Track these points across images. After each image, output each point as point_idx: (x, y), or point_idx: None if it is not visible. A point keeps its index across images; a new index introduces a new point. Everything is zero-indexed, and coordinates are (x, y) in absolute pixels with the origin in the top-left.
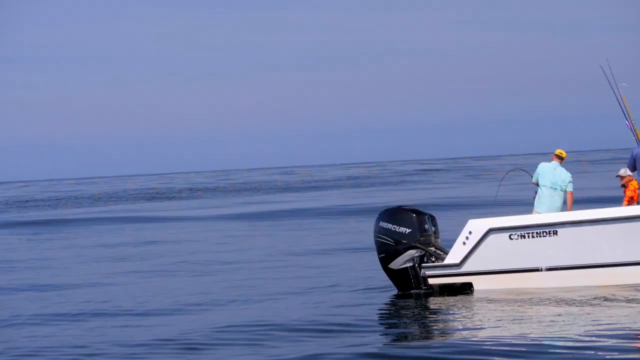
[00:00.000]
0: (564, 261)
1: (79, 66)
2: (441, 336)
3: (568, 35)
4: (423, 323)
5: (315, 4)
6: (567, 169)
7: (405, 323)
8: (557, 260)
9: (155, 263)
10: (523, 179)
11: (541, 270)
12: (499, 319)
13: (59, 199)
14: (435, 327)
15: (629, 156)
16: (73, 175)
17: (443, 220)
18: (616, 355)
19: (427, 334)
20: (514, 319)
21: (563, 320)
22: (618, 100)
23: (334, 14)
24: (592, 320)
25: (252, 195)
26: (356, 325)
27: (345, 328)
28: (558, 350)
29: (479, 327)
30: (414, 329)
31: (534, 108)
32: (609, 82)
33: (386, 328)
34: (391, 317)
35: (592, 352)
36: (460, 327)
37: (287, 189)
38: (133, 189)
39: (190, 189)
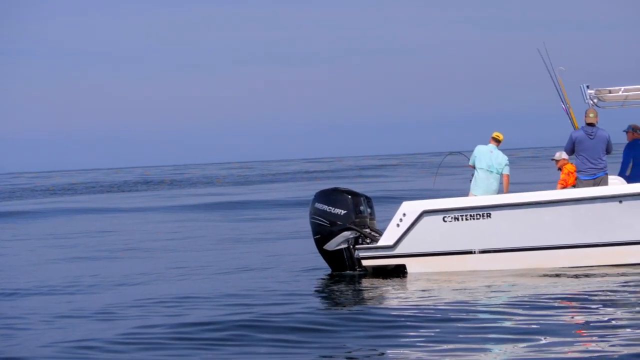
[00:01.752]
0: (497, 244)
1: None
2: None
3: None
4: (349, 295)
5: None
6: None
7: (330, 296)
8: (491, 243)
9: (99, 249)
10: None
11: (474, 252)
12: (428, 289)
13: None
14: (363, 297)
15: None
16: (35, 169)
17: (389, 211)
18: (531, 320)
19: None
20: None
21: (494, 295)
22: (555, 84)
23: (306, 10)
24: (518, 293)
25: (211, 187)
26: (279, 296)
27: (268, 299)
28: (486, 316)
29: (408, 297)
30: (339, 299)
31: (497, 106)
32: (546, 65)
33: (304, 297)
34: (315, 289)
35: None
36: (390, 297)
37: (245, 182)
38: (86, 182)
39: (147, 182)
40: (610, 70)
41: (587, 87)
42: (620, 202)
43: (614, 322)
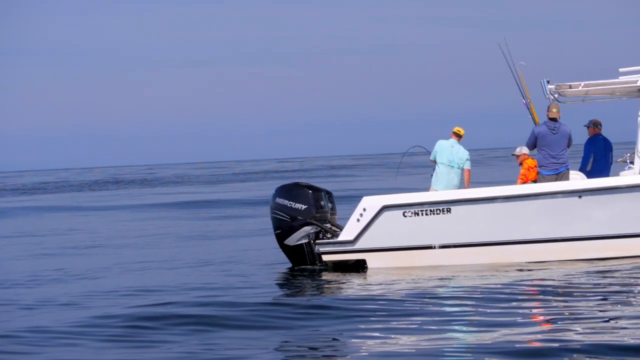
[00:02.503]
0: (457, 239)
1: None
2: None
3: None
4: (306, 287)
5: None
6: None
7: (289, 287)
8: (450, 238)
9: (65, 246)
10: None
11: (434, 247)
12: (387, 282)
13: None
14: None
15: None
16: (5, 168)
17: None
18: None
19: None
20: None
21: (454, 286)
22: (515, 79)
23: (280, 9)
24: (479, 285)
25: (182, 186)
26: (236, 288)
27: (226, 291)
28: (448, 307)
29: (368, 288)
30: (297, 291)
31: (474, 104)
32: (506, 60)
33: (261, 289)
34: (273, 282)
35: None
36: (349, 288)
37: (217, 181)
38: (54, 181)
39: (118, 182)
40: (572, 67)
41: (548, 82)
42: (580, 197)
43: (573, 314)
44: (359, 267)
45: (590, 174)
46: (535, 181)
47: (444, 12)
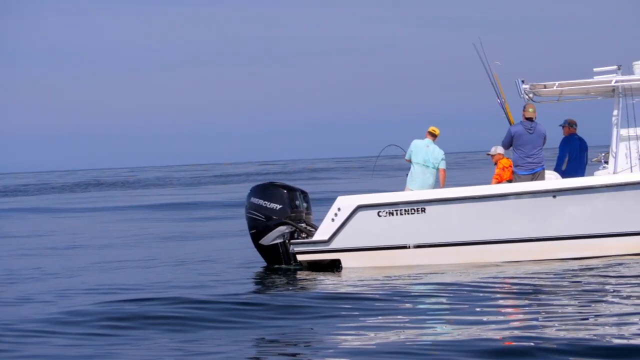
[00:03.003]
0: (431, 239)
1: None
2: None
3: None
4: (280, 284)
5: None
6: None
7: (261, 284)
8: (425, 238)
9: (44, 247)
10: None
11: (409, 247)
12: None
13: None
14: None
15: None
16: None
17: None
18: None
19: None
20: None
21: (428, 283)
22: (490, 79)
23: (260, 9)
24: (453, 281)
25: (164, 189)
26: (208, 287)
27: (198, 289)
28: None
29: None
30: (269, 287)
31: (459, 106)
32: (481, 60)
33: (233, 286)
34: (246, 279)
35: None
36: (323, 285)
37: (199, 183)
38: (35, 184)
39: (99, 184)
40: (548, 68)
41: (522, 81)
42: (554, 197)
43: (548, 312)
44: (334, 267)
45: (565, 174)
46: (510, 181)
47: (436, 12)
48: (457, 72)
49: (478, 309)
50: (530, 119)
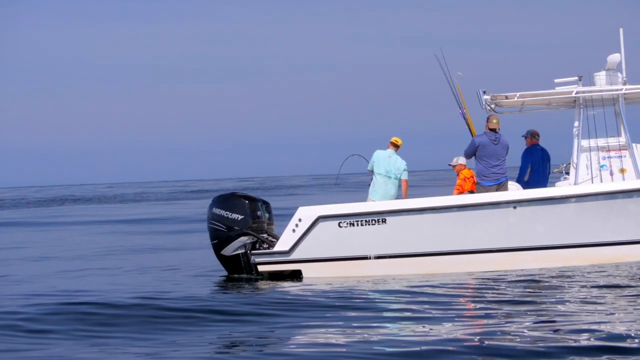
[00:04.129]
0: (392, 249)
1: None
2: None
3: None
4: (240, 288)
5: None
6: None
7: (220, 289)
8: (386, 249)
9: (13, 257)
10: None
11: (370, 258)
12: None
13: None
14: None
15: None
16: None
17: None
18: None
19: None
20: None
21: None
22: (452, 90)
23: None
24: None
25: (139, 204)
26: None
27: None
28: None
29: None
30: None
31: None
32: (443, 71)
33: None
34: (204, 286)
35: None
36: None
37: (175, 198)
38: (12, 198)
39: (76, 200)
40: (511, 80)
41: (484, 92)
42: (515, 207)
43: (504, 315)
44: (295, 277)
45: (527, 185)
46: (471, 192)
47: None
48: (432, 90)
49: (438, 314)
50: (494, 130)
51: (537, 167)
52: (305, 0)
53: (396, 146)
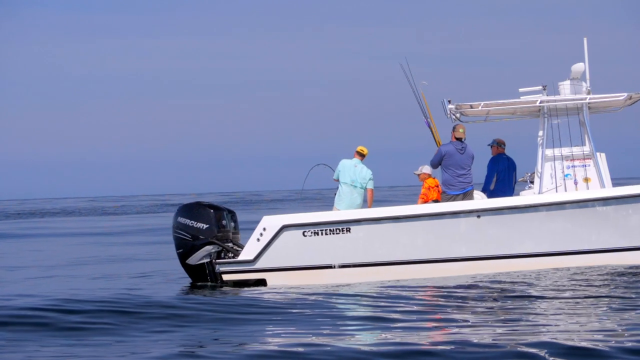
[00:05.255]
0: (356, 258)
1: None
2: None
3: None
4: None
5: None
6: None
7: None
8: (350, 258)
9: None
10: None
11: (334, 267)
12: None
13: None
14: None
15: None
16: None
17: None
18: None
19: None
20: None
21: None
22: (417, 99)
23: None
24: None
25: (121, 216)
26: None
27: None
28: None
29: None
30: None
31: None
32: (408, 80)
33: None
34: (166, 292)
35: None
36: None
37: (155, 211)
38: None
39: (62, 212)
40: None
41: (449, 101)
42: (479, 217)
43: (469, 319)
44: (259, 286)
45: (493, 194)
46: (436, 201)
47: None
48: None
49: (398, 309)
50: (460, 139)
51: (502, 176)
52: (281, 17)
53: (362, 155)
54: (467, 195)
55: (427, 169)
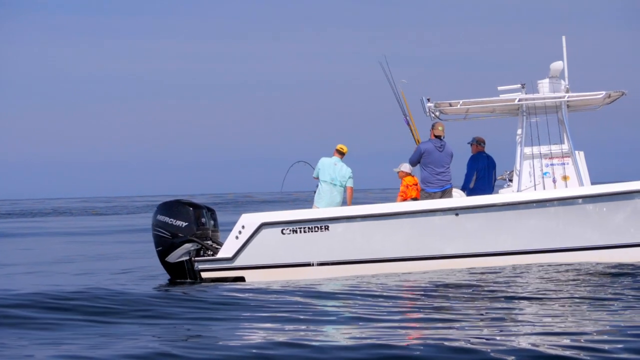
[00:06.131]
0: (335, 256)
1: None
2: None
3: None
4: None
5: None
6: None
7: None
8: (329, 255)
9: None
10: None
11: (312, 265)
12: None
13: None
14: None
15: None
16: None
17: None
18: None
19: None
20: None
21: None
22: (397, 97)
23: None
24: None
25: (112, 216)
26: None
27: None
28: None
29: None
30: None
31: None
32: (387, 78)
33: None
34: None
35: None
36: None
37: (146, 210)
38: None
39: (54, 211)
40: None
41: (428, 99)
42: (457, 214)
43: (445, 315)
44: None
45: (472, 192)
46: (415, 199)
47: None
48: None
49: (379, 308)
50: (439, 137)
51: (482, 174)
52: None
53: (341, 153)
54: (445, 193)
55: (405, 167)
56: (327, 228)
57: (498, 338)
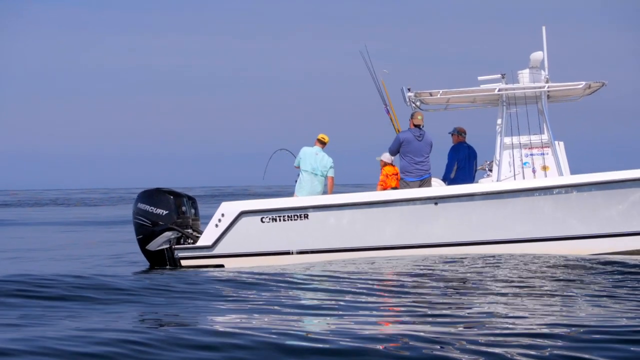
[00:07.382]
0: (314, 245)
1: None
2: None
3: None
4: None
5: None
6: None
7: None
8: (308, 244)
9: None
10: None
11: (292, 253)
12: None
13: None
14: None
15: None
16: None
17: None
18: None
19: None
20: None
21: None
22: (377, 87)
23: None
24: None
25: (103, 207)
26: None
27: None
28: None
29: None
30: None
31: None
32: (368, 68)
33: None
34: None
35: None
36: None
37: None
38: None
39: (44, 204)
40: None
41: (408, 89)
42: (436, 204)
43: (418, 305)
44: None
45: (453, 182)
46: (395, 188)
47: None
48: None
49: (355, 298)
50: (418, 126)
51: (463, 164)
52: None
53: (323, 143)
54: (424, 182)
55: (384, 157)
56: (306, 217)
57: (476, 329)
